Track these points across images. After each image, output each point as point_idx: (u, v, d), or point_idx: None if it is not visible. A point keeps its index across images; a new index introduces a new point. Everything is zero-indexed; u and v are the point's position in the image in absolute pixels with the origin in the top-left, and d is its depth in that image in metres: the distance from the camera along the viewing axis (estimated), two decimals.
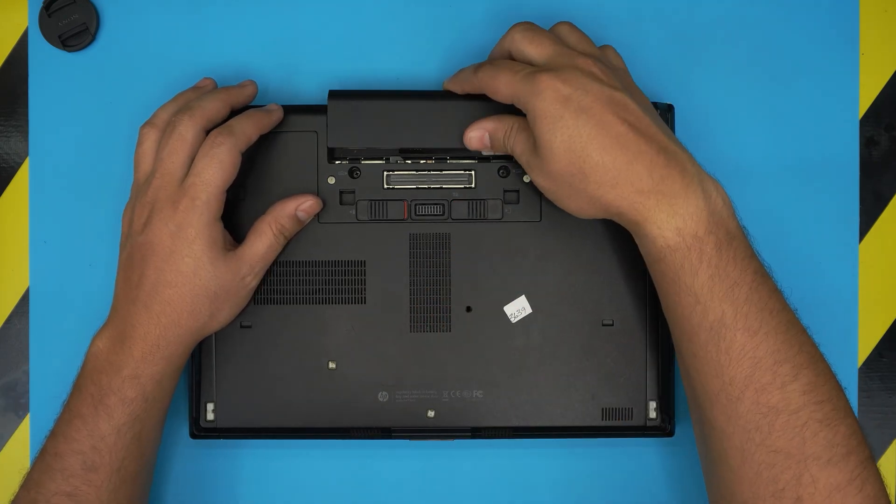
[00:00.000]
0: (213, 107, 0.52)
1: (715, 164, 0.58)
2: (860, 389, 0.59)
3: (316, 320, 0.55)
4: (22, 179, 0.60)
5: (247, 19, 0.59)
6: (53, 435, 0.52)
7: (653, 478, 0.58)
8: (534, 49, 0.50)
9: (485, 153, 0.54)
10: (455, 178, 0.55)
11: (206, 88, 0.55)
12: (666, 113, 0.55)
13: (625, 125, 0.47)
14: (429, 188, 0.55)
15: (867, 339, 0.59)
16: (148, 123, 0.54)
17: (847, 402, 0.48)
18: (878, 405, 0.59)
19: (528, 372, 0.55)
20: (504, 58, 0.52)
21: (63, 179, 0.59)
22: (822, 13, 0.59)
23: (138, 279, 0.51)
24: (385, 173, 0.55)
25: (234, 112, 0.54)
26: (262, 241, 0.53)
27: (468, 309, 0.55)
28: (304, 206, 0.54)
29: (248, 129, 0.52)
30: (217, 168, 0.51)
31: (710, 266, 0.46)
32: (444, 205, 0.55)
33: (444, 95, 0.54)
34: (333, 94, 0.54)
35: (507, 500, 0.58)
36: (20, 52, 0.60)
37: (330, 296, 0.55)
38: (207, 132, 0.52)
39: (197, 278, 0.50)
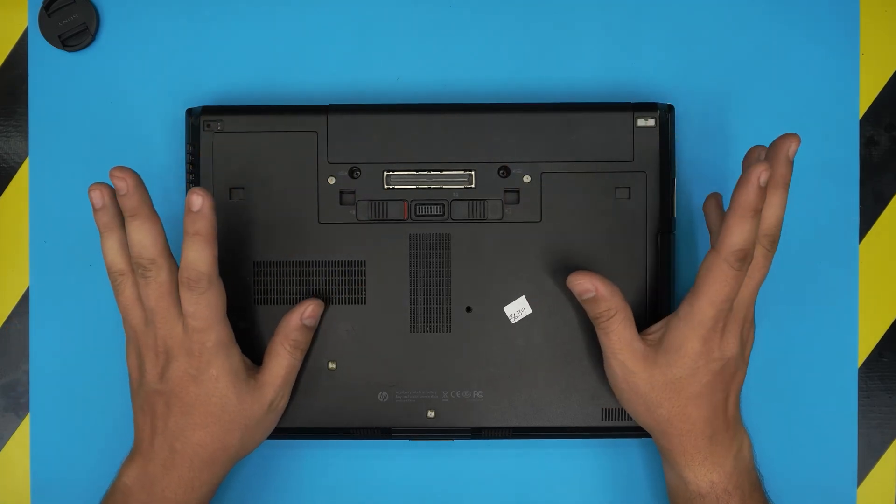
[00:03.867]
0: (161, 242, 0.50)
1: (715, 164, 0.59)
2: (860, 389, 0.59)
3: None
4: (22, 179, 0.60)
5: (247, 19, 0.59)
6: None
7: (652, 478, 0.58)
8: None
9: (582, 296, 0.53)
10: (455, 179, 0.55)
11: (120, 193, 0.50)
12: (666, 113, 0.55)
13: (723, 394, 0.52)
14: (429, 188, 0.55)
15: (867, 339, 0.59)
16: (113, 272, 0.51)
17: None
18: (878, 405, 0.59)
19: (528, 372, 0.55)
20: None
21: (63, 179, 0.59)
22: (822, 13, 0.59)
23: (163, 426, 0.51)
24: (385, 173, 0.55)
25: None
26: (280, 363, 0.53)
27: (468, 309, 0.55)
28: (307, 312, 0.54)
29: (203, 253, 0.49)
30: (206, 306, 0.50)
31: None
32: (444, 205, 0.55)
33: (444, 109, 0.55)
34: (332, 109, 0.55)
35: (507, 500, 0.58)
36: (20, 52, 0.60)
37: (330, 296, 0.55)
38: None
39: (226, 414, 0.51)
